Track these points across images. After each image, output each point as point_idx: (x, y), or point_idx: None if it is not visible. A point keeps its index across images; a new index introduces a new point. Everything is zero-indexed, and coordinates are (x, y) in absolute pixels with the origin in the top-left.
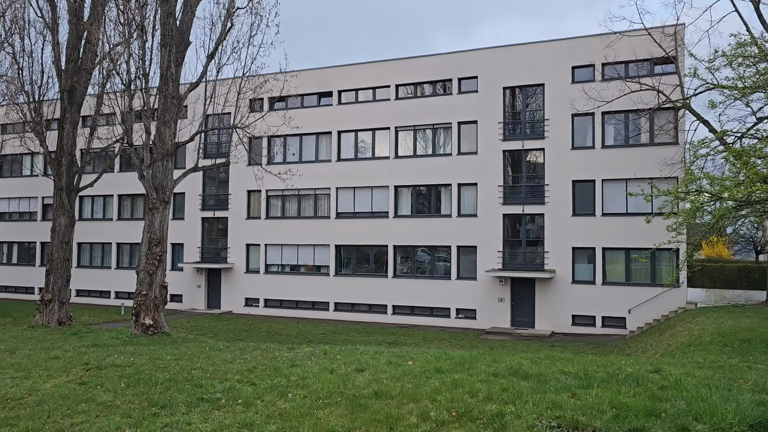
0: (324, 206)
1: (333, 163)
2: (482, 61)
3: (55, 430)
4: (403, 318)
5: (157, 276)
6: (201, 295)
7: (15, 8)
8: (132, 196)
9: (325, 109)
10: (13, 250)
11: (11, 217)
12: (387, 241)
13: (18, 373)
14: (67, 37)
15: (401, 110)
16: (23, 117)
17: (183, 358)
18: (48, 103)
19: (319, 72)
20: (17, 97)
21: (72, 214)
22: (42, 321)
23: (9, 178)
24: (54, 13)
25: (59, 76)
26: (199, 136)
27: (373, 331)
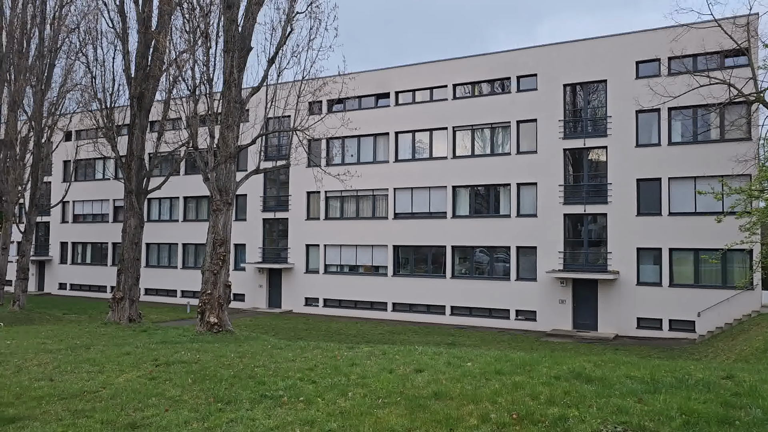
0: (382, 207)
1: (390, 164)
2: (542, 59)
3: (128, 423)
4: (461, 319)
5: (221, 276)
6: (263, 294)
7: (88, 20)
8: (197, 198)
9: (382, 111)
10: (87, 250)
11: (85, 219)
12: (445, 241)
13: (93, 368)
14: (136, 46)
15: (459, 110)
16: (96, 123)
17: (246, 355)
18: (119, 109)
19: (377, 73)
20: (91, 104)
21: (141, 215)
22: (114, 318)
23: (83, 182)
24: (124, 24)
25: (129, 84)
26: (260, 139)
27: (431, 332)
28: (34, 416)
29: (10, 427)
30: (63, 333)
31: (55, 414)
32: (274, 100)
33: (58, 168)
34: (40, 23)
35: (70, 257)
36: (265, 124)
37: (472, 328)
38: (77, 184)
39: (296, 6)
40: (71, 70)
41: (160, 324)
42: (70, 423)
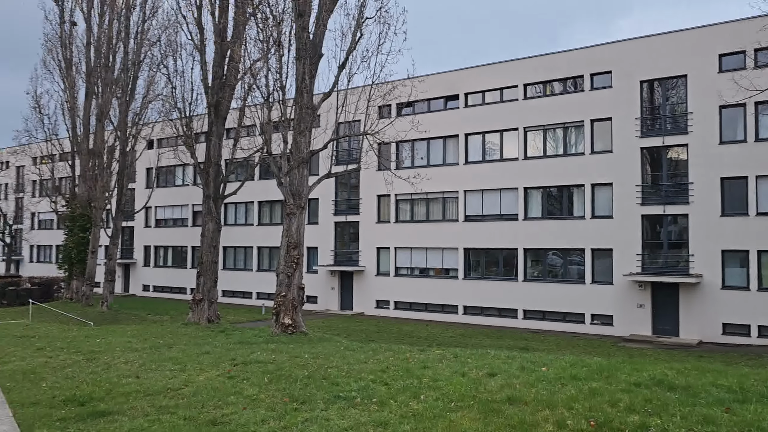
0: (452, 209)
1: (461, 166)
2: (617, 55)
3: (209, 419)
4: (534, 323)
5: (295, 278)
6: (335, 296)
7: (169, 33)
8: (271, 203)
9: (452, 113)
10: (168, 253)
11: (166, 224)
12: (517, 243)
13: (175, 366)
14: (213, 56)
15: (530, 110)
16: (176, 131)
17: (320, 356)
18: (197, 118)
19: (446, 75)
20: (171, 113)
21: (218, 220)
22: (194, 319)
23: (164, 188)
24: (201, 35)
25: (206, 93)
26: (331, 143)
27: (503, 336)
28: (123, 411)
29: (101, 421)
30: (147, 332)
31: (141, 409)
32: (344, 105)
33: (141, 175)
34: (124, 38)
35: (152, 260)
36: (336, 128)
37: (546, 332)
38: (159, 190)
39: (365, 11)
40: (153, 81)
41: (236, 325)
42: (155, 418)
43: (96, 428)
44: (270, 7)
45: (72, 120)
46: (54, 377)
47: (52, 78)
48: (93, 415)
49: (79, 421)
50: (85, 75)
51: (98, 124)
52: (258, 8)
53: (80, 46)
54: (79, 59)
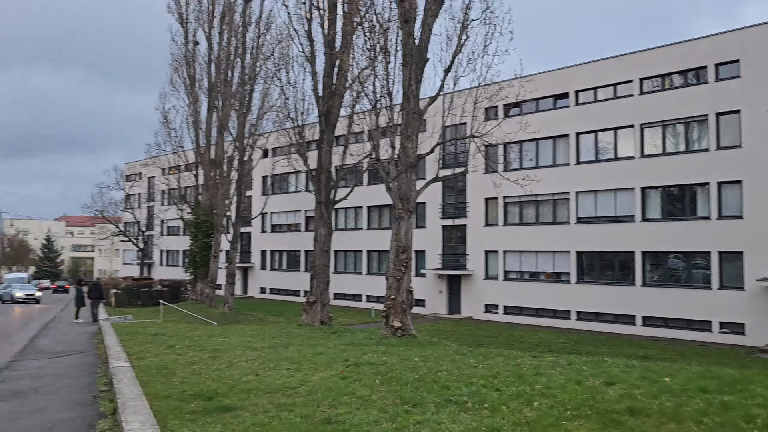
0: (563, 211)
1: (572, 167)
2: (746, 42)
3: (324, 418)
4: (654, 330)
5: (404, 281)
6: (442, 300)
7: (282, 46)
8: (379, 207)
9: (561, 111)
10: (283, 257)
11: (281, 229)
12: (633, 246)
13: (292, 366)
14: (323, 67)
15: (647, 105)
16: (289, 140)
17: (429, 359)
18: (308, 126)
19: (554, 74)
20: (284, 123)
21: (330, 224)
22: (307, 320)
23: (278, 195)
24: (312, 47)
25: (317, 102)
26: (438, 147)
27: (619, 343)
28: (245, 407)
29: (226, 415)
30: (265, 333)
31: (261, 406)
32: (450, 109)
33: (257, 183)
34: (241, 54)
35: (268, 264)
36: (442, 132)
37: (668, 340)
38: (274, 197)
39: (471, 14)
40: (267, 93)
41: (347, 327)
42: (274, 415)
43: (221, 422)
44: (377, 15)
45: (195, 133)
46: (183, 373)
47: (178, 94)
48: (218, 409)
49: (206, 415)
50: (207, 90)
51: (219, 136)
52: (365, 17)
53: (202, 64)
54: (201, 76)
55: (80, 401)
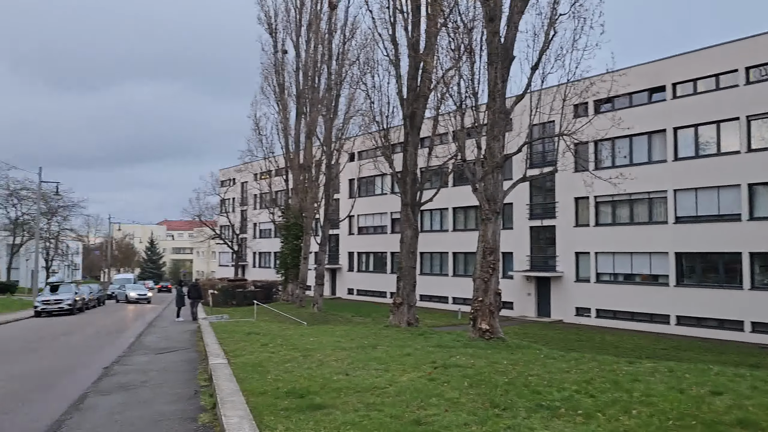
0: (660, 210)
1: (669, 163)
2: None
3: (413, 419)
4: (765, 337)
5: (492, 283)
6: (531, 302)
7: (366, 51)
8: (465, 209)
9: (657, 106)
10: (369, 259)
11: (367, 231)
12: (740, 247)
13: (380, 366)
14: (407, 69)
15: (754, 96)
16: (375, 143)
17: (519, 363)
18: (393, 129)
19: (649, 66)
20: (370, 127)
21: (416, 226)
22: (394, 321)
23: (365, 197)
24: (396, 51)
25: (402, 105)
26: (525, 146)
27: (725, 350)
28: (335, 405)
29: (318, 413)
30: (353, 333)
31: (351, 405)
32: (538, 107)
33: (344, 186)
34: (327, 60)
35: (356, 265)
36: (529, 131)
37: None
38: (360, 199)
39: (558, 8)
40: (353, 98)
41: (434, 328)
42: (364, 414)
43: (314, 419)
44: (461, 15)
45: (285, 138)
46: (277, 371)
47: (268, 102)
48: (311, 407)
49: (299, 412)
50: (296, 97)
51: (307, 141)
52: (449, 18)
53: (290, 72)
54: (290, 83)
55: (182, 395)
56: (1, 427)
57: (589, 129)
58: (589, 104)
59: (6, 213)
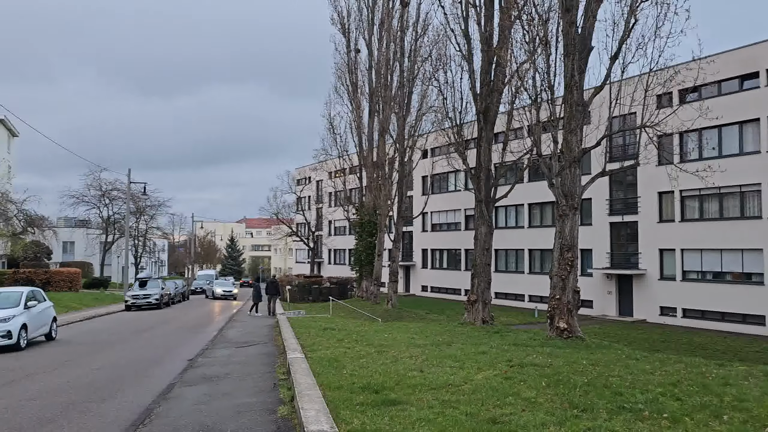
0: (753, 205)
1: (763, 155)
2: None
3: (489, 417)
4: None
5: (570, 281)
6: (611, 301)
7: (439, 47)
8: (540, 205)
9: (749, 93)
10: (443, 256)
11: (441, 228)
12: None
13: (455, 363)
14: (480, 64)
15: None
16: (448, 140)
17: (599, 363)
18: (467, 125)
19: (740, 52)
20: (443, 123)
21: (490, 223)
22: (469, 319)
23: (438, 194)
24: (469, 45)
25: (475, 101)
26: (605, 140)
27: None
28: (410, 402)
29: (393, 408)
30: (427, 330)
31: (426, 402)
32: (618, 98)
33: (417, 183)
34: (399, 58)
35: (429, 262)
36: (609, 124)
37: None
38: (433, 196)
39: None
40: (425, 95)
41: (510, 326)
42: (439, 411)
43: (389, 415)
44: (535, 6)
45: (358, 137)
46: (352, 366)
47: (341, 101)
48: (386, 402)
49: (374, 407)
50: (368, 95)
51: (380, 139)
52: (523, 10)
53: (363, 71)
54: (363, 82)
55: (262, 388)
56: (99, 413)
57: (673, 120)
58: (674, 94)
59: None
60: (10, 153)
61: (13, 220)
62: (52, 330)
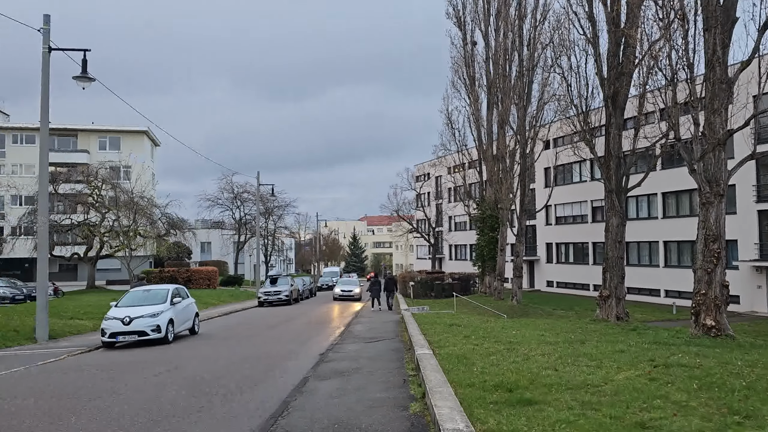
0: None
1: None
2: None
3: (636, 421)
4: None
5: (716, 275)
6: (762, 296)
7: (560, 32)
8: (676, 193)
9: None
10: (569, 250)
11: (566, 221)
12: None
13: (591, 362)
14: (606, 47)
15: None
16: (573, 128)
17: (757, 365)
18: (593, 112)
19: None
20: (567, 111)
21: (622, 214)
22: (601, 315)
23: (562, 186)
24: (594, 28)
25: (602, 85)
26: (753, 120)
27: None
28: (547, 402)
29: (529, 409)
30: (557, 327)
31: (564, 402)
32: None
33: (539, 175)
34: (518, 47)
35: (554, 257)
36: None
37: None
38: (557, 188)
39: None
40: (546, 83)
41: (647, 323)
42: (579, 413)
43: (525, 415)
44: None
45: (477, 130)
46: (482, 363)
47: (459, 95)
48: (521, 402)
49: (509, 407)
50: (486, 88)
51: (500, 131)
52: None
53: (480, 63)
54: (480, 74)
55: (392, 383)
56: (241, 403)
57: None
58: None
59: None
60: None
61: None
62: (195, 325)
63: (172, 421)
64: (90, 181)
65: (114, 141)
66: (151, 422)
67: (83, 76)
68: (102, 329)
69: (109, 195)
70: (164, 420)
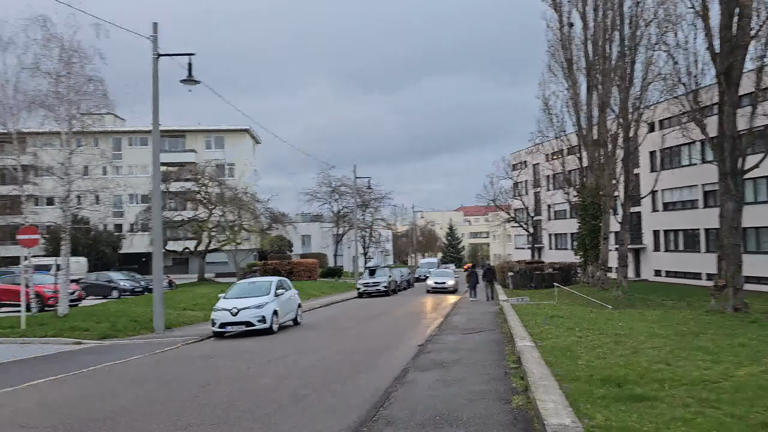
0: None
1: None
2: None
3: (762, 421)
4: None
5: None
6: None
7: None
8: None
9: None
10: (678, 237)
11: (674, 207)
12: None
13: (707, 357)
14: (718, 19)
15: None
16: (682, 108)
17: None
18: (704, 90)
19: None
20: (674, 90)
21: (739, 198)
22: (716, 306)
23: (669, 170)
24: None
25: (714, 61)
26: None
27: None
28: (660, 398)
29: (640, 405)
30: (667, 319)
31: (680, 399)
32: None
33: (644, 159)
34: (619, 25)
35: (662, 244)
36: None
37: None
38: (664, 172)
39: None
40: (651, 62)
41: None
42: (697, 411)
43: (637, 411)
44: None
45: (576, 115)
46: (587, 356)
47: (556, 80)
48: (631, 398)
49: (618, 402)
50: (585, 70)
51: (600, 115)
52: None
53: (578, 44)
54: (578, 57)
55: (493, 375)
56: (343, 394)
57: None
58: None
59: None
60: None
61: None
62: (298, 316)
63: (285, 407)
64: (198, 179)
65: (218, 140)
66: (272, 406)
67: (189, 79)
68: (212, 320)
69: (215, 192)
70: (278, 406)
